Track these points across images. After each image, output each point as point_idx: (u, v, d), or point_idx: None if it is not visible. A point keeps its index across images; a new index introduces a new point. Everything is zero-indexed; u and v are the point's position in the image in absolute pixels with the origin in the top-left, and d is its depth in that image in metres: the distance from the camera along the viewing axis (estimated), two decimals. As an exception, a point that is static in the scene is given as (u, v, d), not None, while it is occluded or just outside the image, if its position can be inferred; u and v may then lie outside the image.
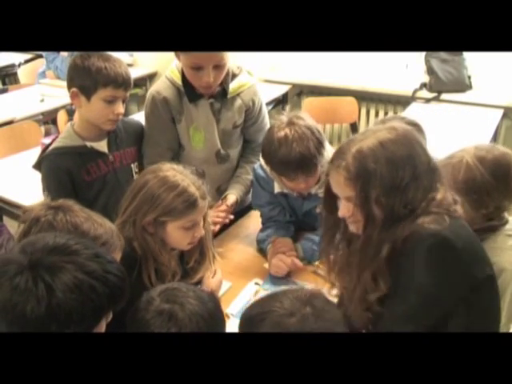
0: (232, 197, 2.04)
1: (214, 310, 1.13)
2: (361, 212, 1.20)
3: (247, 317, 1.06)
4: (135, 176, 1.92)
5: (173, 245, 1.54)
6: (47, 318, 0.88)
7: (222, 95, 1.96)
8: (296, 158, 1.63)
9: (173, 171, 1.51)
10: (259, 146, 2.13)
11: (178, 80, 1.93)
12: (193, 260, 1.61)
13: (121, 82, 1.75)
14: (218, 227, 1.95)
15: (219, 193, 2.10)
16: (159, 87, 1.96)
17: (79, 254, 0.95)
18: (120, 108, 1.79)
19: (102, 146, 1.86)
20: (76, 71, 1.75)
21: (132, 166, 1.95)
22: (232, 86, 1.97)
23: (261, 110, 2.09)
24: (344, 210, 1.24)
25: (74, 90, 1.75)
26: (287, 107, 4.12)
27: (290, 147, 1.64)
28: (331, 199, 1.30)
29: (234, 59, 1.96)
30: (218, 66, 1.82)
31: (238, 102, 2.00)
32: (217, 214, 1.96)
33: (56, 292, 0.88)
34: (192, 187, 1.48)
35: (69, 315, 0.89)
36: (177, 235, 1.50)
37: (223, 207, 1.99)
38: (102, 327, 0.98)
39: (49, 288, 0.88)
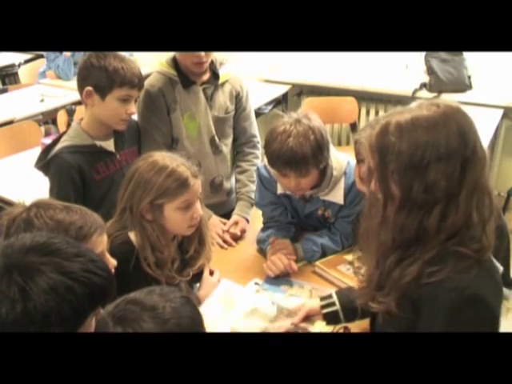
0: (236, 217, 2.12)
1: (176, 331, 0.98)
2: (379, 186, 1.14)
3: None
4: None
5: (173, 230, 1.55)
6: (24, 320, 0.87)
7: (213, 79, 2.06)
8: (287, 152, 1.65)
9: (161, 156, 1.55)
10: (247, 145, 2.20)
11: (170, 70, 2.02)
12: (192, 249, 1.63)
13: (136, 83, 1.79)
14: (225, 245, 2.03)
15: (213, 187, 2.16)
16: (151, 81, 2.02)
17: (58, 254, 0.93)
18: (133, 108, 1.82)
19: (110, 145, 1.88)
20: (92, 70, 1.76)
21: None
22: (221, 73, 2.07)
23: (248, 97, 2.19)
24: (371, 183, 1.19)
25: (88, 88, 1.76)
26: (299, 109, 4.11)
27: (284, 141, 1.65)
28: (370, 173, 1.22)
29: (234, 59, 2.02)
30: None
31: (228, 86, 2.11)
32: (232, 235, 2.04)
33: (30, 294, 0.87)
34: (181, 167, 1.51)
35: (46, 317, 0.87)
36: (175, 217, 1.52)
37: (233, 232, 2.06)
38: (88, 326, 0.96)
39: (22, 291, 0.87)
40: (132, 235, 1.51)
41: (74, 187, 1.77)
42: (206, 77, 2.05)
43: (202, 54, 1.91)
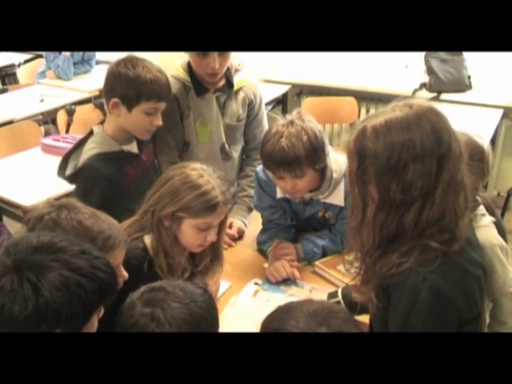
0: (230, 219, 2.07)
1: (199, 312, 1.09)
2: (359, 190, 1.18)
3: (266, 328, 1.03)
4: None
5: (184, 243, 1.55)
6: (36, 317, 0.88)
7: (227, 88, 2.03)
8: (279, 153, 1.64)
9: (200, 171, 1.52)
10: (256, 151, 2.15)
11: (184, 76, 2.00)
12: (203, 264, 1.61)
13: (163, 96, 1.76)
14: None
15: None
16: None
17: (65, 252, 0.94)
18: (159, 120, 1.80)
19: (134, 147, 1.87)
20: (119, 80, 1.72)
21: (155, 160, 2.00)
22: (236, 80, 2.04)
23: (261, 104, 2.17)
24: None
25: (115, 100, 1.73)
26: (294, 111, 4.11)
27: (276, 142, 1.65)
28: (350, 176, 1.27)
29: (234, 59, 2.00)
30: (223, 53, 1.87)
31: (241, 94, 2.08)
32: (230, 236, 2.01)
33: (42, 291, 0.88)
34: (216, 190, 1.49)
35: (57, 313, 0.89)
36: (190, 234, 1.51)
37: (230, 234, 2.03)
38: (93, 323, 0.98)
39: (35, 287, 0.88)
40: (147, 239, 1.51)
41: (103, 197, 1.73)
42: (221, 84, 2.02)
43: (216, 65, 1.87)
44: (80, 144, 1.83)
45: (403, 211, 1.13)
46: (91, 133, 1.84)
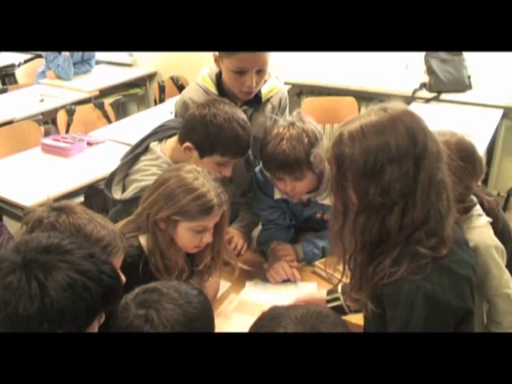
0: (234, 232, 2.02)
1: (194, 313, 1.09)
2: (338, 195, 1.19)
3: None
4: None
5: (180, 245, 1.54)
6: (39, 316, 0.88)
7: (254, 101, 1.95)
8: (279, 156, 1.63)
9: (195, 173, 1.50)
10: None
11: (212, 88, 1.91)
12: (203, 264, 1.60)
13: (240, 155, 1.74)
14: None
15: (243, 194, 2.10)
16: (192, 95, 1.93)
17: (73, 254, 0.95)
18: (228, 171, 1.75)
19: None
20: (199, 128, 1.69)
21: None
22: (263, 91, 1.96)
23: (284, 110, 2.09)
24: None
25: (189, 145, 1.71)
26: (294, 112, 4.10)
27: (277, 144, 1.64)
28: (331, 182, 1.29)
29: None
30: (261, 71, 1.82)
31: (269, 106, 2.00)
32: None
33: (49, 290, 0.89)
34: (211, 193, 1.47)
35: (61, 314, 0.89)
36: (185, 236, 1.51)
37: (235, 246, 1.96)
38: (94, 328, 0.98)
39: (42, 286, 0.89)
40: (142, 238, 1.51)
41: None
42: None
43: (254, 84, 1.80)
44: (131, 158, 1.79)
45: (384, 214, 1.13)
46: (146, 149, 1.80)
